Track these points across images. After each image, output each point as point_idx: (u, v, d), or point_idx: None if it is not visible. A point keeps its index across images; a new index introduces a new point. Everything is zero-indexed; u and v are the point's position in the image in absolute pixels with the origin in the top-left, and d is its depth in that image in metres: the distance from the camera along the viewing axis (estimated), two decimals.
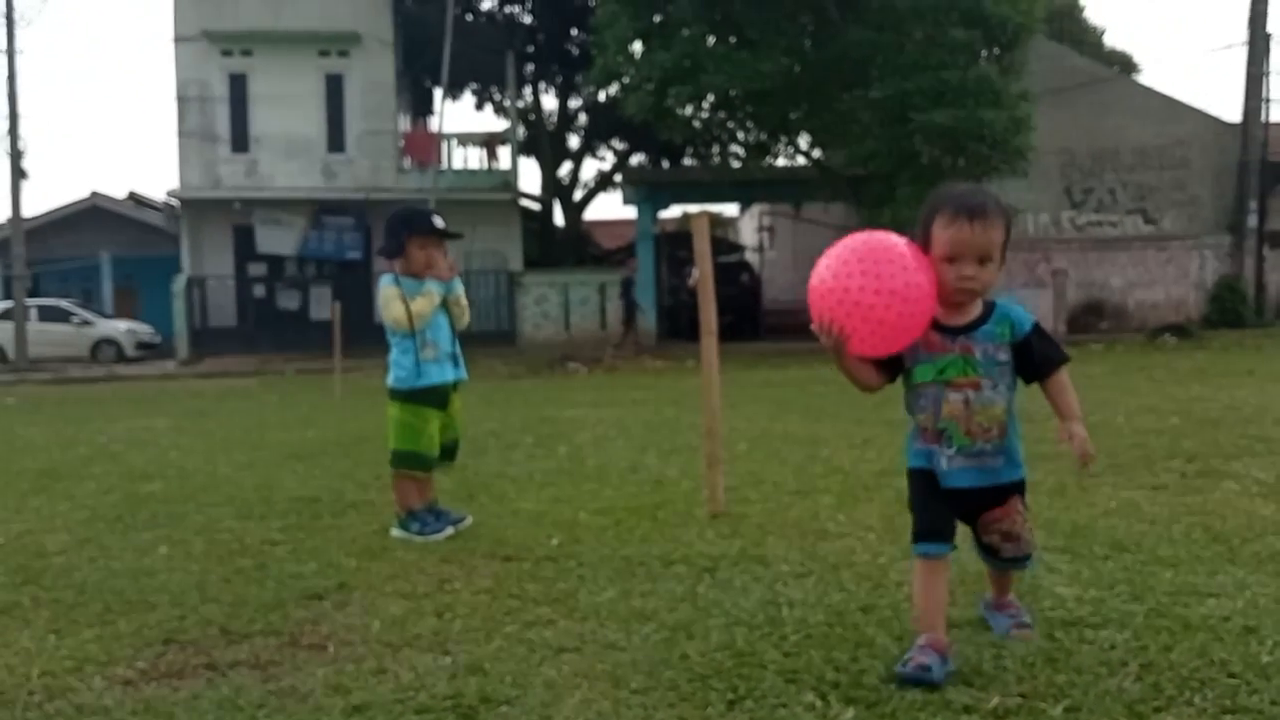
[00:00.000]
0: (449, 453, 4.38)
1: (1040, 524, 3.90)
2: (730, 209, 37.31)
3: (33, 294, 25.53)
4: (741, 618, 2.91)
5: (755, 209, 33.13)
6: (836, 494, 4.77)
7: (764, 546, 3.76)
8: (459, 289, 4.38)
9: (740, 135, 21.86)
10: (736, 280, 26.26)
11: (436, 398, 4.26)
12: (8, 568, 3.79)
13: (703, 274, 4.39)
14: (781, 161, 22.55)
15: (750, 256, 32.20)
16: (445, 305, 4.32)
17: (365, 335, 19.07)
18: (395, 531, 4.16)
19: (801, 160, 22.04)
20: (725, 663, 2.55)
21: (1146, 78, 42.52)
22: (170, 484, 5.80)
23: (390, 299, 4.22)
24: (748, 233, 35.63)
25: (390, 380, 4.27)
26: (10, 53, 23.38)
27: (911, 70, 17.36)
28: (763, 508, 4.51)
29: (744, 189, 25.12)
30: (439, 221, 4.35)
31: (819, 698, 2.32)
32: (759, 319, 25.48)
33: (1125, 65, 33.67)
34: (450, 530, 4.12)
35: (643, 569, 3.50)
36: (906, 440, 2.66)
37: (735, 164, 23.76)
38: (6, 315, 24.60)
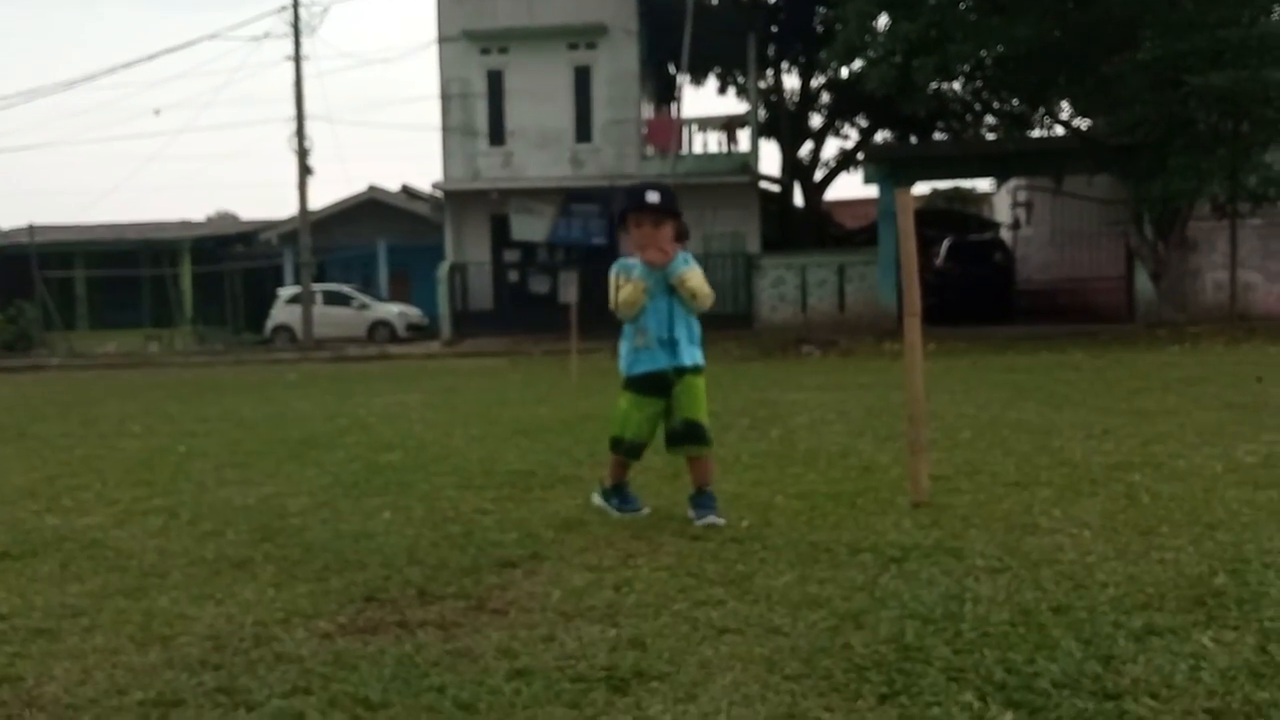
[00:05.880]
0: (679, 437, 4.12)
1: None
2: (983, 184, 35.60)
3: (318, 280, 28.11)
4: (918, 610, 2.79)
5: (1011, 184, 31.36)
6: (1058, 487, 4.48)
7: (963, 539, 3.59)
8: (681, 269, 4.02)
9: (995, 106, 20.75)
10: (989, 259, 25.01)
11: (652, 385, 4.08)
12: (251, 526, 4.22)
13: (906, 253, 4.21)
14: (1037, 133, 21.21)
15: (1005, 234, 30.57)
16: (673, 290, 4.05)
17: (606, 318, 19.71)
18: (595, 498, 4.25)
19: (1060, 130, 20.65)
20: (888, 655, 2.47)
21: None
22: (408, 454, 6.24)
23: (610, 284, 4.11)
24: (1003, 209, 33.82)
25: (619, 365, 4.23)
26: (297, 59, 25.77)
27: (1185, 29, 15.82)
28: (972, 498, 4.29)
29: (996, 163, 23.86)
30: (651, 196, 4.05)
31: (979, 698, 2.20)
32: (1011, 300, 24.16)
33: None
34: (644, 510, 4.14)
35: (827, 555, 3.43)
36: None
37: (990, 136, 22.60)
38: (295, 299, 27.27)
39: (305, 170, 25.95)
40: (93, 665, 2.62)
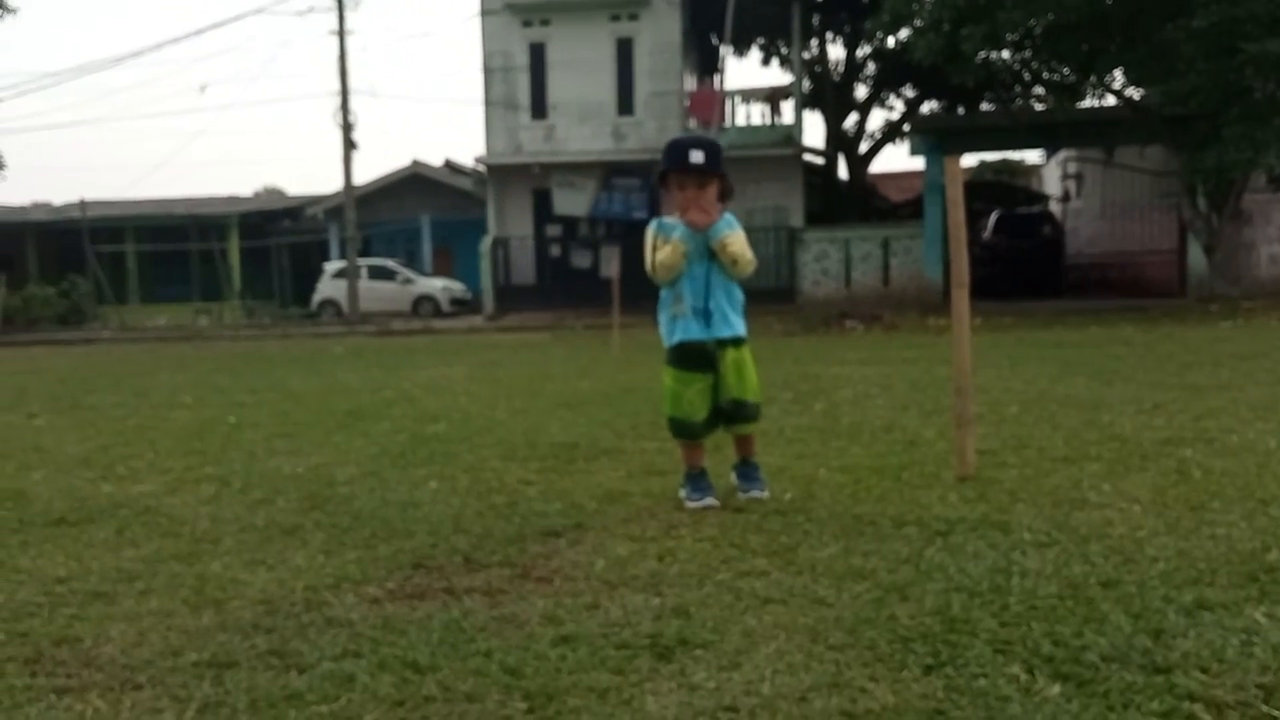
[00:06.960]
0: (728, 417, 3.93)
1: None
2: (1032, 156, 35.00)
3: (363, 254, 28.35)
4: (964, 584, 2.78)
5: (1060, 156, 30.80)
6: (1107, 462, 4.42)
7: (1009, 513, 3.55)
8: (723, 233, 3.81)
9: (1044, 75, 20.36)
10: (1037, 232, 24.63)
11: (692, 358, 3.85)
12: (300, 494, 4.29)
13: (954, 222, 4.16)
14: (1088, 103, 20.75)
15: (1054, 207, 30.06)
16: (713, 255, 3.84)
17: (647, 293, 19.71)
18: (681, 490, 3.98)
19: (1111, 100, 20.20)
20: (934, 627, 2.46)
21: None
22: (453, 426, 6.30)
23: (646, 245, 3.89)
24: (1052, 181, 33.24)
25: (660, 336, 4.02)
26: (341, 33, 25.88)
27: None
28: (1019, 473, 4.25)
29: (1045, 134, 23.43)
30: (695, 156, 3.77)
31: (1026, 671, 2.18)
32: (1060, 274, 23.79)
33: None
34: (711, 502, 3.82)
35: (871, 528, 3.41)
36: None
37: (1039, 107, 22.19)
38: (341, 274, 27.52)
39: (350, 145, 26.13)
40: (148, 627, 2.68)
